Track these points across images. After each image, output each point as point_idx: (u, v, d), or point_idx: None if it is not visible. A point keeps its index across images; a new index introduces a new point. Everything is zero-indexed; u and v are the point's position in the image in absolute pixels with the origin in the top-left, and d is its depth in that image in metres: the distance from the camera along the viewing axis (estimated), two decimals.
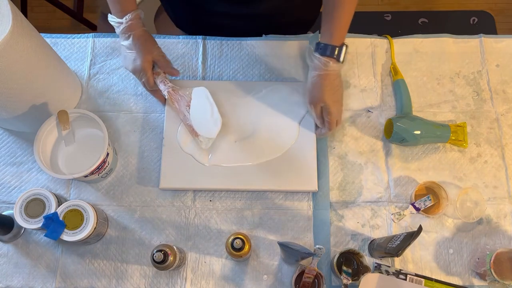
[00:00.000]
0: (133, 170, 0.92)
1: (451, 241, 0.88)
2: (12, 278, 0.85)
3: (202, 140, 0.88)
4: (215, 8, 0.99)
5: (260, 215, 0.89)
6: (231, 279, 0.85)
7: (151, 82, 0.88)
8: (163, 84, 0.89)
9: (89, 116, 0.86)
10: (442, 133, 0.91)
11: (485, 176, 0.93)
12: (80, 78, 0.99)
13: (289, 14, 1.04)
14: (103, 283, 0.85)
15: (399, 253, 0.73)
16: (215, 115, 0.89)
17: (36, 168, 0.92)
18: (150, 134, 0.94)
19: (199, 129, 0.88)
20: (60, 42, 1.02)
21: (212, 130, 0.88)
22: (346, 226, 0.89)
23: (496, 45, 1.03)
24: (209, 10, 1.00)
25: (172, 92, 0.89)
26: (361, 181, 0.92)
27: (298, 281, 0.80)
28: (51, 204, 0.81)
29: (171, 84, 0.89)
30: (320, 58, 0.82)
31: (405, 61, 1.01)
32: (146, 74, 0.86)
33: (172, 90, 0.89)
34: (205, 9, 1.00)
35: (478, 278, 0.86)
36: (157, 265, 0.76)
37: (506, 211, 0.90)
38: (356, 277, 0.81)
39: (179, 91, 0.90)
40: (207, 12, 1.01)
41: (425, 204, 0.87)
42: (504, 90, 0.99)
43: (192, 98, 0.90)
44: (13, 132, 0.94)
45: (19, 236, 0.87)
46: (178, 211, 0.89)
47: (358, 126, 0.96)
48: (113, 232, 0.88)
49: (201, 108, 0.90)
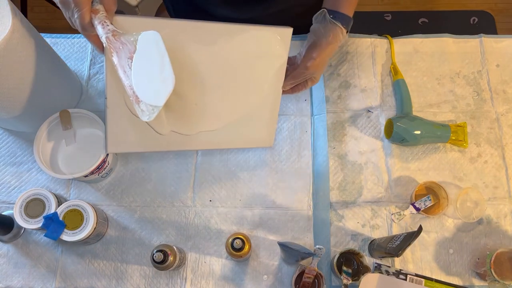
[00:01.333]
0: (133, 170, 0.92)
1: (451, 241, 0.88)
2: (12, 278, 0.85)
3: (143, 108, 0.64)
4: (218, 12, 0.99)
5: (260, 215, 0.89)
6: (231, 279, 0.85)
7: (86, 20, 0.64)
8: (102, 27, 0.65)
9: (89, 116, 0.86)
10: (442, 133, 0.91)
11: (485, 176, 0.93)
12: (80, 78, 0.99)
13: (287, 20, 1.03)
14: (103, 283, 0.85)
15: (399, 253, 0.73)
16: (166, 72, 0.65)
17: (36, 168, 0.92)
18: None
19: (142, 92, 0.64)
20: (60, 42, 1.02)
21: (159, 94, 0.64)
22: (346, 226, 0.89)
23: (496, 45, 1.03)
24: (212, 13, 1.00)
25: (112, 39, 0.64)
26: (361, 181, 0.92)
27: (298, 281, 0.80)
28: (51, 204, 0.81)
29: (113, 27, 0.65)
30: (341, 28, 0.76)
31: (405, 61, 1.01)
32: (81, 9, 0.63)
33: (112, 35, 0.65)
34: (208, 12, 1.00)
35: (478, 278, 0.86)
36: (157, 265, 0.76)
37: (506, 211, 0.90)
38: (356, 277, 0.81)
39: (121, 37, 0.65)
40: (209, 15, 1.01)
41: (425, 204, 0.87)
42: (504, 90, 0.99)
43: (137, 47, 0.65)
44: (13, 132, 0.94)
45: (19, 236, 0.87)
46: (178, 211, 0.89)
47: (358, 126, 0.96)
48: (113, 232, 0.88)
49: (147, 62, 0.65)
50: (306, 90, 0.99)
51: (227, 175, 0.92)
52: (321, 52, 0.79)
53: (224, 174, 0.92)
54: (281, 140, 0.95)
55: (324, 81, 0.99)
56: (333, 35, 0.77)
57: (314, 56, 0.79)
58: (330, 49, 0.79)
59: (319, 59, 0.79)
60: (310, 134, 0.95)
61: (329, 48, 0.79)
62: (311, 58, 0.79)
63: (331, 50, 0.80)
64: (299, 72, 0.81)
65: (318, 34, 0.78)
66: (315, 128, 0.95)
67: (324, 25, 0.77)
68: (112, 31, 0.65)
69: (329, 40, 0.77)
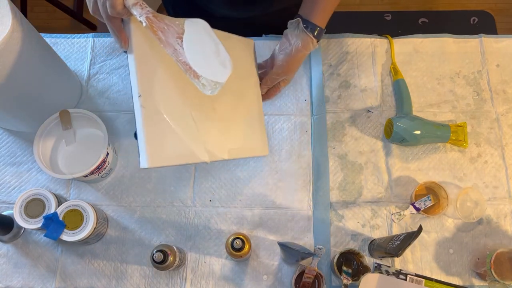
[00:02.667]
0: (133, 170, 0.92)
1: (451, 241, 0.88)
2: (12, 278, 0.85)
3: (205, 83, 0.63)
4: (218, 12, 0.99)
5: (260, 215, 0.89)
6: (231, 279, 0.85)
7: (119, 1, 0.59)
8: (140, 7, 0.60)
9: (89, 116, 0.86)
10: (442, 133, 0.91)
11: (485, 176, 0.93)
12: (80, 78, 0.99)
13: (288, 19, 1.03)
14: (103, 283, 0.85)
15: (399, 253, 0.73)
16: (222, 55, 0.66)
17: (36, 168, 0.92)
18: None
19: (200, 69, 0.62)
20: (60, 42, 1.02)
21: (220, 73, 0.64)
22: (346, 226, 0.89)
23: (496, 45, 1.03)
24: (212, 13, 1.00)
25: (153, 19, 0.61)
26: (361, 181, 0.92)
27: (298, 281, 0.80)
28: (51, 204, 0.81)
29: (151, 9, 0.61)
30: (312, 38, 0.79)
31: (405, 61, 1.01)
32: None
33: (153, 16, 0.61)
34: (208, 12, 1.00)
35: (478, 278, 0.86)
36: (157, 265, 0.76)
37: (506, 211, 0.90)
38: (356, 277, 0.81)
39: (164, 19, 0.62)
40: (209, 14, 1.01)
41: (425, 204, 0.87)
42: (504, 90, 0.99)
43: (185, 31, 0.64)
44: (13, 132, 0.94)
45: (19, 236, 0.87)
46: (178, 211, 0.89)
47: (358, 126, 0.96)
48: (113, 232, 0.88)
49: (200, 44, 0.65)
50: (306, 90, 0.99)
51: (227, 175, 0.92)
52: (290, 58, 0.82)
53: (224, 174, 0.92)
54: (281, 140, 0.95)
55: (324, 81, 0.99)
56: (304, 44, 0.80)
57: (283, 63, 0.83)
58: (300, 56, 0.83)
59: (287, 65, 0.83)
60: (310, 134, 0.95)
61: (298, 55, 0.82)
62: (281, 66, 0.83)
63: (301, 57, 0.83)
64: (270, 78, 0.86)
65: (290, 40, 0.82)
66: (315, 128, 0.95)
67: (296, 33, 0.81)
68: (152, 12, 0.61)
69: (299, 48, 0.81)
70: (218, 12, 0.99)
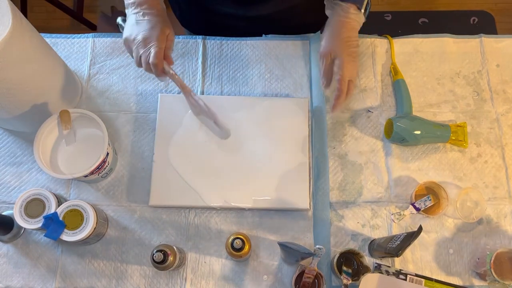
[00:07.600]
0: (133, 170, 0.92)
1: (451, 241, 0.88)
2: (12, 278, 0.85)
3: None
4: (223, 10, 0.98)
5: (260, 215, 0.89)
6: (231, 279, 0.85)
7: (161, 55, 0.75)
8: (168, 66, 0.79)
9: (89, 116, 0.86)
10: (442, 133, 0.91)
11: (485, 176, 0.93)
12: (80, 78, 0.99)
13: (295, 17, 1.03)
14: (103, 283, 0.85)
15: (399, 253, 0.73)
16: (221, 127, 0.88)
17: (36, 168, 0.92)
18: (150, 134, 0.94)
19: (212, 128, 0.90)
20: (60, 42, 1.02)
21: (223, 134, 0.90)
22: (346, 226, 0.89)
23: (496, 45, 1.03)
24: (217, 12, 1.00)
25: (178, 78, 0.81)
26: (361, 181, 0.92)
27: (298, 281, 0.80)
28: (51, 204, 0.81)
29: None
30: (342, 4, 0.77)
31: (405, 61, 1.01)
32: (159, 45, 0.74)
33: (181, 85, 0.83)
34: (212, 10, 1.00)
35: (478, 278, 0.86)
36: (157, 265, 0.76)
37: (506, 211, 0.90)
38: (356, 277, 0.81)
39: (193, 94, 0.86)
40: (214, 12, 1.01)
41: (425, 204, 0.87)
42: (504, 90, 0.99)
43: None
44: (13, 132, 0.94)
45: (19, 236, 0.87)
46: (178, 211, 0.89)
47: (358, 126, 0.96)
48: (113, 232, 0.88)
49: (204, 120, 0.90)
50: (306, 90, 0.99)
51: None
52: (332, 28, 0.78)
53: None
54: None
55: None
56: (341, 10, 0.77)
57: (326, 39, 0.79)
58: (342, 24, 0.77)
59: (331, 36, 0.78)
60: (310, 134, 0.95)
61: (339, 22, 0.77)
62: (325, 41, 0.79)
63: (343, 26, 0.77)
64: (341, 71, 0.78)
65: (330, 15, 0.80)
66: (315, 128, 0.95)
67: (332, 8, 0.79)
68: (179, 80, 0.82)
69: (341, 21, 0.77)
70: (223, 11, 0.98)
